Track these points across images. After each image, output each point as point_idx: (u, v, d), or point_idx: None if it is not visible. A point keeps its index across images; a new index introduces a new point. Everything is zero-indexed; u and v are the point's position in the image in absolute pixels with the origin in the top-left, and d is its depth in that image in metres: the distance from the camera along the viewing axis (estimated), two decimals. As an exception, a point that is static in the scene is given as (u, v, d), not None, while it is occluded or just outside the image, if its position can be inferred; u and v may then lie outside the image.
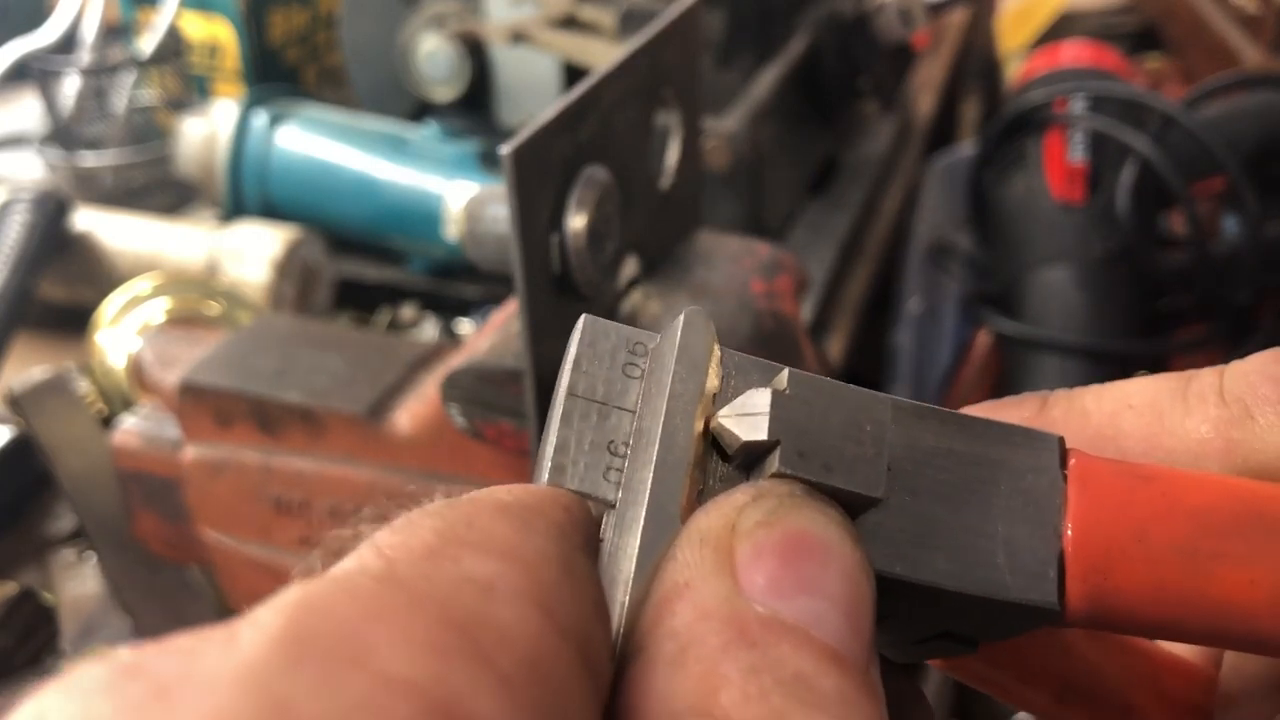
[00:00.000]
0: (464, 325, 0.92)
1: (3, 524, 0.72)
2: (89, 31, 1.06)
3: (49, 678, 0.14)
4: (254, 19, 1.05)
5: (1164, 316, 0.91)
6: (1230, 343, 0.89)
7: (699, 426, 0.20)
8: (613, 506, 0.20)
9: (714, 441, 0.20)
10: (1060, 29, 1.55)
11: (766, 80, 0.89)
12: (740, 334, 0.50)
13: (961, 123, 1.47)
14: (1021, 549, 0.20)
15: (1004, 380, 0.93)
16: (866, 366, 0.97)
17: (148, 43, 1.05)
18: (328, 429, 0.56)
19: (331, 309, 0.92)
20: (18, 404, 0.68)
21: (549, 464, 0.20)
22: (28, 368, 0.73)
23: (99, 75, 1.06)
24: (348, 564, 0.16)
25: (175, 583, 0.68)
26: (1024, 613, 0.20)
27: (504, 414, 0.49)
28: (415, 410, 0.55)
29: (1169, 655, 0.26)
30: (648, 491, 0.19)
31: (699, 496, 0.19)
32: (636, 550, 0.18)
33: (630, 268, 0.51)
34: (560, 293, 0.45)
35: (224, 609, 0.65)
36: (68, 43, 1.07)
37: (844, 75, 1.00)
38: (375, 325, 0.93)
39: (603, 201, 0.45)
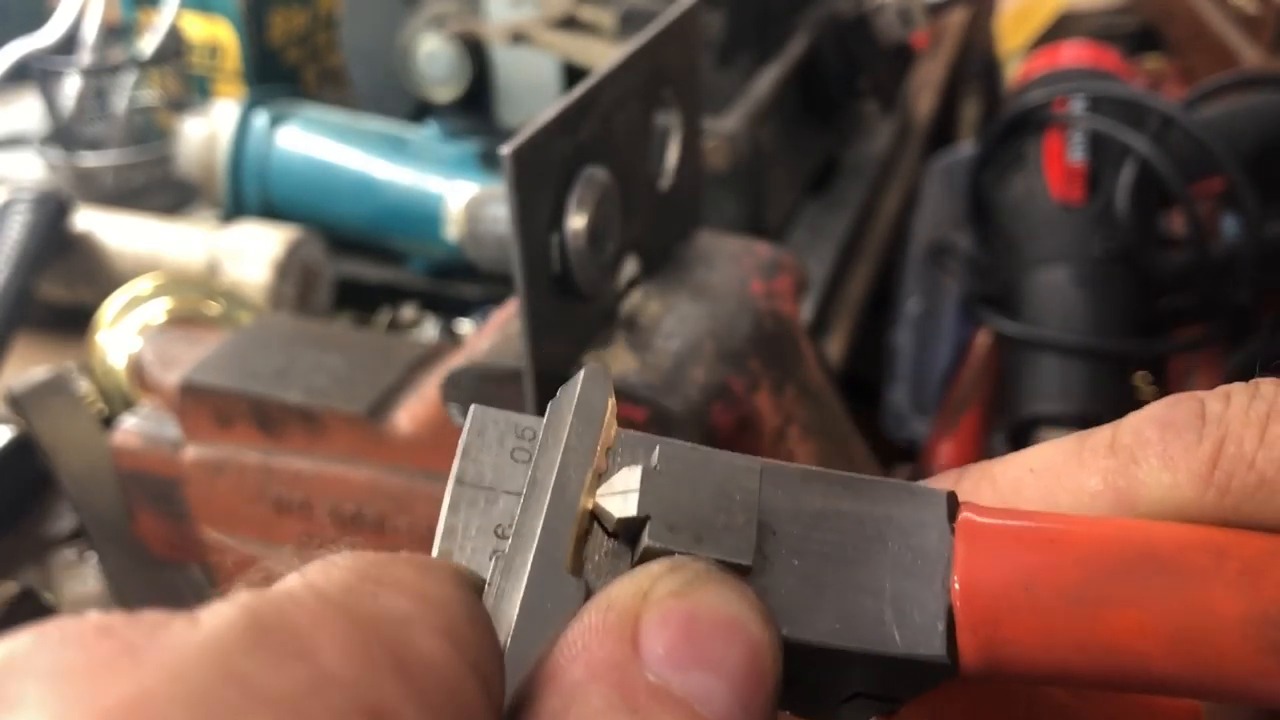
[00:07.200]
0: (464, 325, 0.92)
1: (3, 524, 0.72)
2: (89, 32, 1.06)
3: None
4: (254, 19, 1.05)
5: (1164, 316, 0.91)
6: (1230, 343, 0.89)
7: (590, 480, 0.20)
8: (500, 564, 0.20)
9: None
10: (1060, 29, 1.55)
11: (766, 80, 0.89)
12: (740, 334, 0.50)
13: (961, 123, 1.47)
14: (910, 604, 0.21)
15: (1004, 380, 0.93)
16: (866, 366, 0.97)
17: (148, 43, 1.05)
18: (328, 429, 0.56)
19: (331, 309, 0.92)
20: (18, 404, 0.68)
21: (436, 552, 0.21)
22: (28, 368, 0.73)
23: (99, 75, 1.06)
24: (283, 584, 0.17)
25: (175, 583, 0.68)
26: (916, 668, 0.20)
27: (504, 414, 0.48)
28: (415, 410, 0.55)
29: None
30: (536, 539, 0.19)
31: (584, 553, 0.20)
32: (521, 596, 0.19)
33: (630, 268, 0.51)
34: (560, 293, 0.45)
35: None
36: (68, 43, 1.07)
37: (844, 75, 1.00)
38: (375, 325, 0.93)
39: (603, 201, 0.45)
